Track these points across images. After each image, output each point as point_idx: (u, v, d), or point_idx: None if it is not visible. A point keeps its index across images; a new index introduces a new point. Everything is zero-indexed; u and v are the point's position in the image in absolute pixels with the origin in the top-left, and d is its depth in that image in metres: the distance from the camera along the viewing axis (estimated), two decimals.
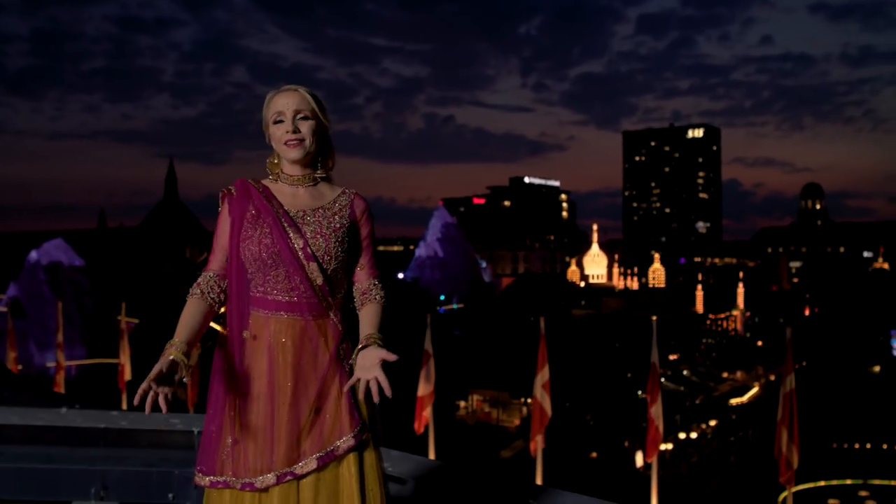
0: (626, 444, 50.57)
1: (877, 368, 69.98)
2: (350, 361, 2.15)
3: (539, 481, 13.48)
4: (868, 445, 47.15)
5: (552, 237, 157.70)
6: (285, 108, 2.26)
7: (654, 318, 13.21)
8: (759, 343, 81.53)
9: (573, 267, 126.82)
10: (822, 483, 41.79)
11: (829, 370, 61.29)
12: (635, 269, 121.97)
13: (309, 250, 2.15)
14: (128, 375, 17.39)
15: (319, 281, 2.14)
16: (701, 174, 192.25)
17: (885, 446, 46.14)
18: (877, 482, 42.44)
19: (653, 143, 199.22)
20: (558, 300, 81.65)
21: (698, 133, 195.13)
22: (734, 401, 62.86)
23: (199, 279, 2.27)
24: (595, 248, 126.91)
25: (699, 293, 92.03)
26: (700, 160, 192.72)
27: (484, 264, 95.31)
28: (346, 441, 2.10)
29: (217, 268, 2.25)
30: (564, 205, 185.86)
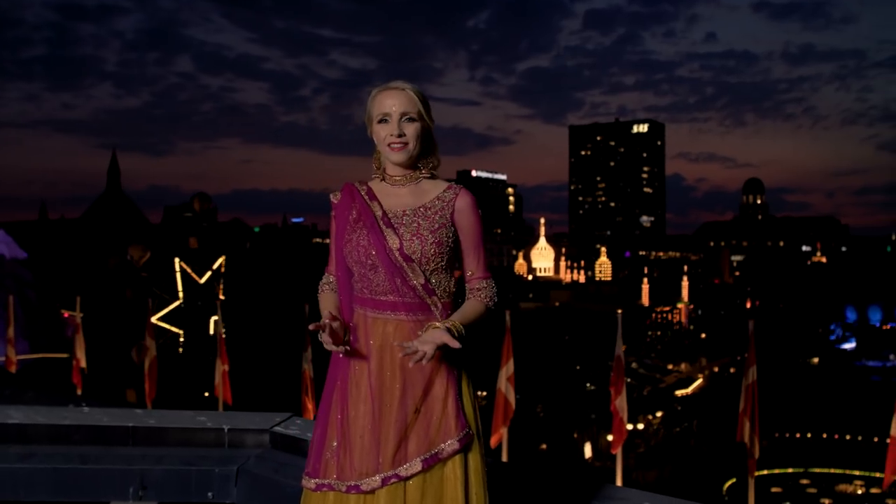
0: (576, 435, 51.19)
1: (816, 360, 71.90)
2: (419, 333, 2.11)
3: None
4: (809, 435, 48.35)
5: (499, 231, 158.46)
6: (392, 108, 2.22)
7: (620, 311, 13.39)
8: (703, 335, 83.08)
9: (520, 260, 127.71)
10: (765, 472, 42.78)
11: (771, 362, 62.82)
12: (582, 263, 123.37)
13: (405, 251, 2.14)
14: (83, 368, 17.10)
15: (421, 281, 2.13)
16: (645, 169, 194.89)
17: (824, 435, 47.43)
18: (817, 470, 43.60)
19: (598, 138, 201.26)
20: (506, 293, 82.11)
21: (643, 128, 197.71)
22: (679, 392, 64.04)
23: (323, 280, 2.35)
24: (542, 241, 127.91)
25: (645, 286, 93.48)
26: (644, 155, 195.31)
27: None
28: (451, 444, 2.08)
29: (333, 271, 2.31)
30: (511, 198, 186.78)
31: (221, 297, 32.62)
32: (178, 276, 32.99)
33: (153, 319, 18.14)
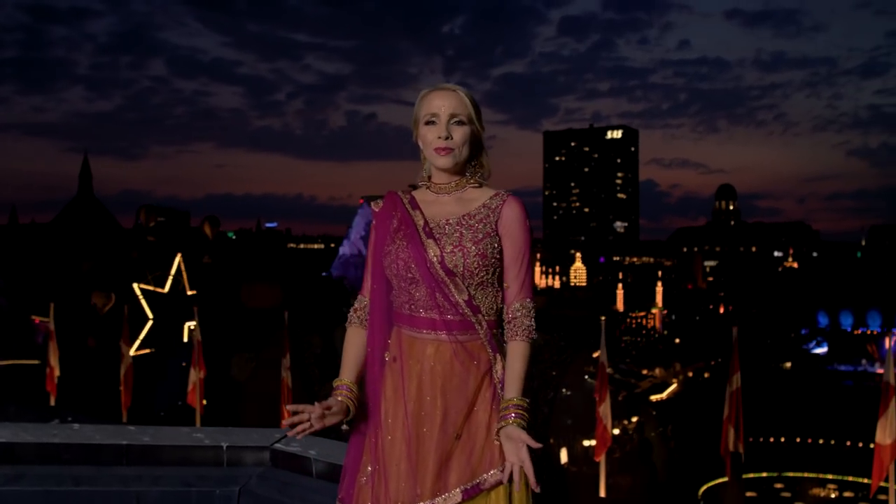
0: (552, 441, 51.20)
1: (788, 364, 72.49)
2: (495, 435, 1.95)
3: None
4: (782, 439, 48.64)
5: None
6: (440, 109, 2.07)
7: (603, 318, 13.35)
8: (677, 340, 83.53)
9: None
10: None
11: (744, 366, 63.09)
12: (557, 268, 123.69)
13: (447, 264, 1.98)
14: (56, 376, 16.79)
15: (464, 297, 1.98)
16: (619, 174, 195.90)
17: (798, 440, 47.74)
18: (791, 474, 43.83)
19: (573, 144, 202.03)
20: None
21: (617, 134, 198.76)
22: (654, 397, 64.27)
23: (356, 304, 2.16)
24: None
25: (619, 292, 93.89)
26: (618, 161, 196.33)
27: None
28: (494, 474, 1.94)
29: (369, 290, 2.13)
30: None
31: (190, 291, 32.28)
32: (143, 301, 32.48)
33: (131, 353, 17.88)
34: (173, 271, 33.81)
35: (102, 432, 3.13)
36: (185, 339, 33.27)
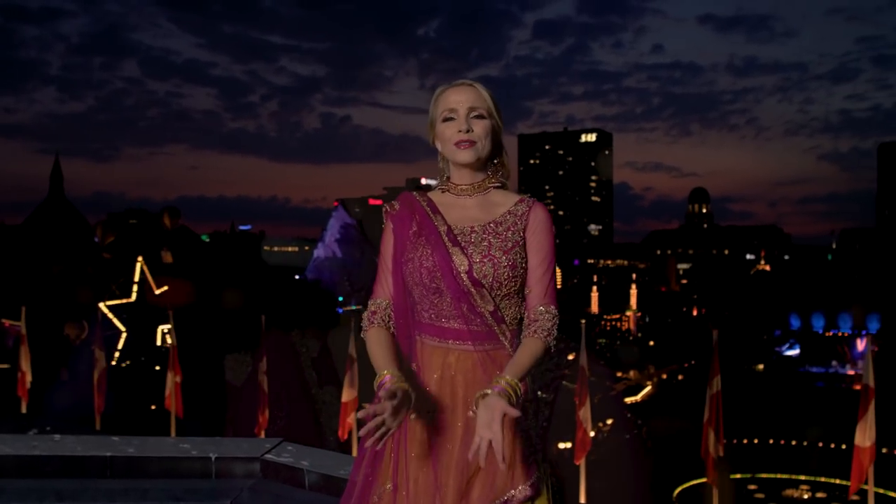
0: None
1: (761, 367, 73.10)
2: (471, 410, 1.82)
3: None
4: (756, 441, 48.98)
5: None
6: (458, 104, 1.98)
7: (583, 321, 13.32)
8: (651, 343, 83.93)
9: None
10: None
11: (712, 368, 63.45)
12: None
13: (475, 275, 1.88)
14: (28, 381, 16.49)
15: (490, 308, 1.89)
16: (593, 177, 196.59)
17: (771, 441, 48.12)
18: (764, 475, 44.14)
19: (547, 147, 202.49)
20: None
21: (591, 137, 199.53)
22: (629, 399, 64.52)
23: (373, 307, 2.01)
24: None
25: (594, 294, 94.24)
26: (592, 164, 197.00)
27: None
28: (522, 490, 1.83)
29: (387, 294, 2.00)
30: None
31: (158, 290, 32.02)
32: (137, 275, 32.13)
33: (102, 306, 17.63)
34: (137, 277, 33.47)
35: (85, 443, 3.01)
36: (158, 342, 32.96)
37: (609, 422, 58.76)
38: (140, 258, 32.78)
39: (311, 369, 23.22)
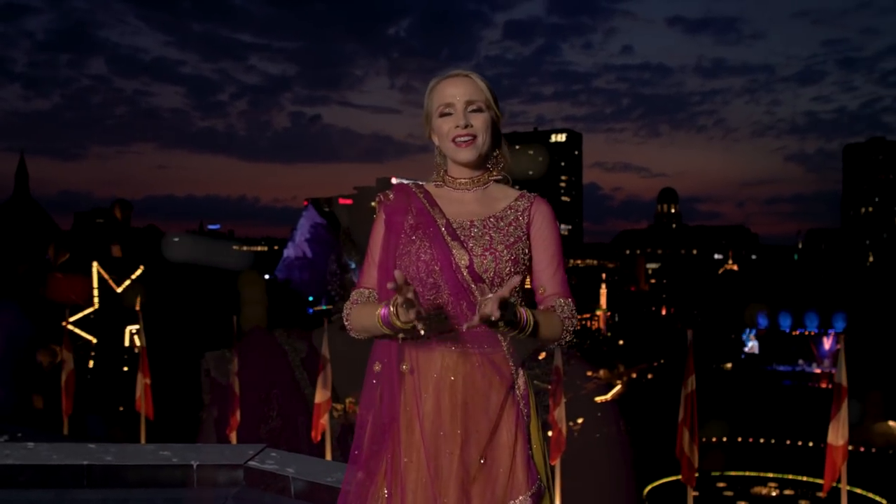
0: None
1: (729, 365, 73.77)
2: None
3: None
4: (724, 439, 49.42)
5: None
6: (455, 98, 1.88)
7: None
8: (621, 342, 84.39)
9: None
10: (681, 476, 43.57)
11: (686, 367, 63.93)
12: None
13: (475, 270, 1.79)
14: None
15: None
16: (563, 177, 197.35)
17: (739, 439, 48.58)
18: (733, 473, 44.54)
19: (517, 147, 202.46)
20: None
21: (561, 138, 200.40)
22: (599, 398, 64.82)
23: (354, 296, 1.90)
24: None
25: None
26: (562, 164, 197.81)
27: (353, 265, 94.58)
28: (522, 500, 1.75)
29: (372, 285, 1.88)
30: None
31: (137, 307, 31.65)
32: (96, 280, 31.70)
33: (67, 324, 17.32)
34: (96, 283, 32.98)
35: (60, 451, 2.88)
36: (127, 343, 32.55)
37: (580, 421, 59.13)
38: (95, 263, 32.32)
39: (301, 369, 22.97)
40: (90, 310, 32.17)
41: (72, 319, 29.52)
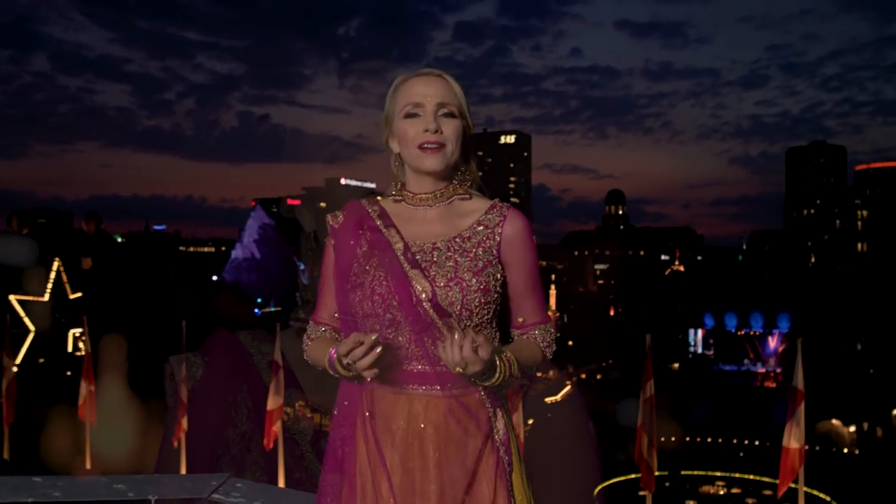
0: None
1: (676, 365, 74.73)
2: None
3: None
4: (673, 438, 50.01)
5: None
6: (425, 98, 1.65)
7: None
8: (570, 343, 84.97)
9: None
10: (633, 476, 43.97)
11: (633, 367, 64.69)
12: None
13: (440, 302, 1.55)
14: None
15: None
16: (513, 179, 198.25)
17: (687, 438, 49.22)
18: (683, 472, 45.11)
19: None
20: None
21: (510, 139, 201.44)
22: (549, 399, 65.23)
23: (310, 330, 1.69)
24: None
25: None
26: (512, 165, 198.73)
27: (302, 266, 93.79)
28: None
29: (326, 319, 1.67)
30: None
31: (73, 295, 30.89)
32: (53, 274, 30.78)
33: (13, 298, 16.74)
34: (53, 276, 32.11)
35: (3, 487, 2.61)
36: (70, 348, 31.67)
37: (530, 422, 59.56)
38: (57, 259, 31.43)
39: (268, 371, 22.57)
40: (38, 298, 31.27)
41: (16, 298, 28.65)
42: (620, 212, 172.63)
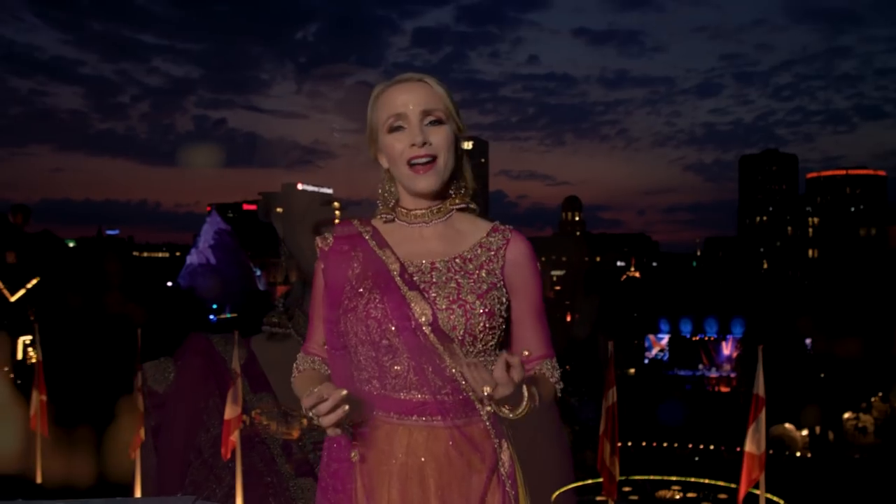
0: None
1: (632, 371, 75.36)
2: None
3: None
4: (629, 443, 50.45)
5: None
6: (407, 107, 1.55)
7: None
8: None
9: None
10: (590, 481, 44.21)
11: (594, 374, 65.10)
12: None
13: (441, 327, 1.45)
14: None
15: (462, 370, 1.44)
16: None
17: (644, 443, 49.65)
18: (638, 477, 45.45)
19: None
20: None
21: (468, 145, 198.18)
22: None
23: (299, 360, 1.59)
24: None
25: None
26: None
27: (258, 272, 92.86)
28: None
29: (317, 349, 1.57)
30: (338, 213, 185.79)
31: (32, 317, 30.21)
32: None
33: None
34: (29, 286, 31.41)
35: None
36: (20, 356, 30.94)
37: None
38: (37, 278, 30.76)
39: (240, 376, 22.25)
40: None
41: None
42: (577, 218, 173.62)
